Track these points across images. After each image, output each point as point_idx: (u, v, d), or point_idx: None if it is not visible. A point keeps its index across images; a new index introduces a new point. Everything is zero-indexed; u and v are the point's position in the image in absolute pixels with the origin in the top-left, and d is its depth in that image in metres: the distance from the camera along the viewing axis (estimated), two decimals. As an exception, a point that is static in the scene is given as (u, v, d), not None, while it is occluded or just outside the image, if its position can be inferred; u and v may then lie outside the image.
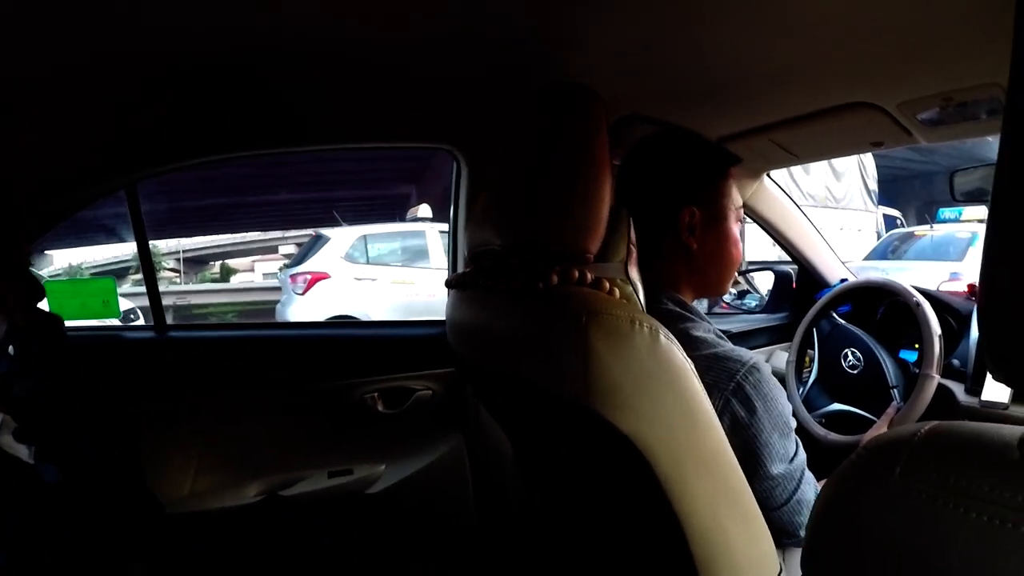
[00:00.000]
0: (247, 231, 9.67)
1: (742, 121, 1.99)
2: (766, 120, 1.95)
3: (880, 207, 15.12)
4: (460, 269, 2.32)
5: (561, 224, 1.12)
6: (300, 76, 1.72)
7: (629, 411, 1.00)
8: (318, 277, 9.15)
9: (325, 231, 10.07)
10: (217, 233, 15.86)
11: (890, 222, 15.31)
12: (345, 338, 2.61)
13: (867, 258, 11.58)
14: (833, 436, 2.00)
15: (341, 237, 9.82)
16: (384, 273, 9.63)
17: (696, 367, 1.06)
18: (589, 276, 1.11)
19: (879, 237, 13.77)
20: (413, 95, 1.88)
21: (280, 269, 11.37)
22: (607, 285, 1.11)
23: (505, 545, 2.16)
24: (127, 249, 16.79)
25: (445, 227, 9.96)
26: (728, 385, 1.25)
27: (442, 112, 2.06)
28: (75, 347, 1.44)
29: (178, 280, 14.90)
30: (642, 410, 1.00)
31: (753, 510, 1.13)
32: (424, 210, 11.30)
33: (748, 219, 2.45)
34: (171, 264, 15.58)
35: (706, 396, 1.06)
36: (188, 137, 2.11)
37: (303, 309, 8.88)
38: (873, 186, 14.77)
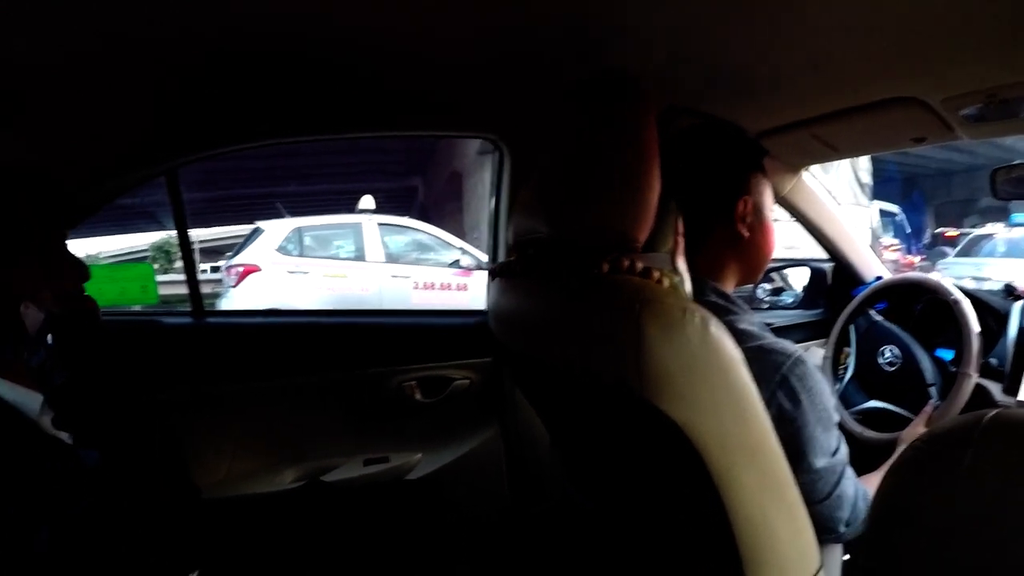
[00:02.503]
0: (260, 221, 9.71)
1: (783, 115, 1.97)
2: (807, 114, 1.93)
3: (876, 202, 14.90)
4: (500, 258, 2.32)
5: (610, 213, 1.12)
6: (344, 63, 1.72)
7: (680, 400, 0.99)
8: (250, 269, 9.10)
9: (261, 223, 10.02)
10: (228, 224, 15.96)
11: (888, 218, 15.16)
12: (384, 326, 2.62)
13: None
14: (869, 433, 1.99)
15: (275, 229, 9.78)
16: (317, 266, 9.57)
17: None
18: (639, 265, 1.10)
19: (873, 234, 13.62)
20: (456, 84, 1.88)
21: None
22: (656, 275, 1.10)
23: (540, 535, 2.15)
24: (142, 239, 16.95)
25: (384, 219, 9.99)
26: (774, 377, 1.25)
27: (485, 101, 2.05)
28: (113, 332, 1.44)
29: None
30: (693, 399, 1.00)
31: (798, 503, 1.13)
32: (367, 202, 11.19)
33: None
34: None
35: (755, 387, 1.06)
36: (230, 123, 2.11)
37: (235, 302, 8.81)
38: (867, 179, 14.57)
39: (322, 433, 2.40)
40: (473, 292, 9.37)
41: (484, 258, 9.60)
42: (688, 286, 1.22)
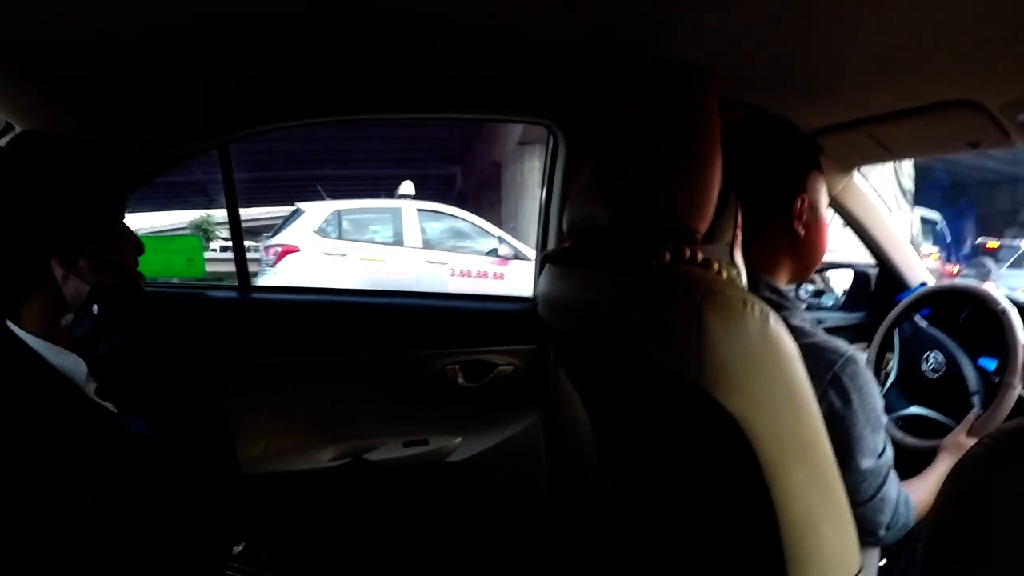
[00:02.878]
0: (300, 203, 9.76)
1: (839, 113, 1.95)
2: (864, 114, 1.91)
3: (918, 208, 14.70)
4: (550, 245, 2.32)
5: (672, 202, 1.11)
6: (402, 42, 1.72)
7: (738, 392, 1.00)
8: (288, 250, 9.11)
9: (301, 205, 10.00)
10: (267, 205, 16.07)
11: (928, 225, 14.96)
12: (429, 309, 2.61)
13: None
14: (910, 440, 1.96)
15: (315, 211, 9.78)
16: (354, 249, 9.56)
17: None
18: (699, 256, 1.11)
19: (913, 241, 13.36)
20: (513, 68, 1.88)
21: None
22: (716, 266, 1.11)
23: (577, 524, 2.16)
24: (180, 217, 17.09)
25: (424, 205, 9.96)
26: (826, 375, 1.24)
27: (542, 87, 2.05)
28: (159, 304, 1.45)
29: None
30: (750, 392, 1.00)
31: (844, 503, 1.13)
32: (407, 187, 11.24)
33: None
34: (225, 233, 15.78)
35: (809, 384, 1.06)
36: (283, 99, 2.12)
37: (272, 281, 8.79)
38: (909, 185, 14.36)
39: (362, 412, 2.41)
40: (510, 281, 9.36)
41: (522, 247, 9.59)
42: (744, 280, 1.23)
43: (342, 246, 9.49)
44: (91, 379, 1.33)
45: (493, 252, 9.68)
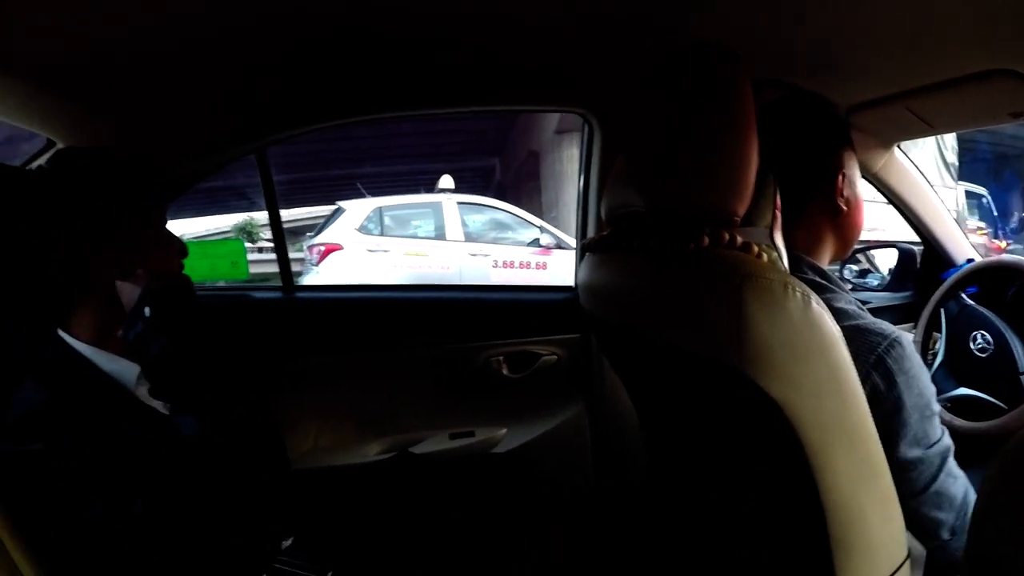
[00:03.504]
0: (341, 201, 9.83)
1: (876, 88, 1.92)
2: (901, 87, 1.87)
3: (961, 183, 14.41)
4: (590, 233, 2.32)
5: (708, 186, 1.10)
6: (434, 39, 1.73)
7: (781, 377, 0.98)
8: (331, 248, 9.16)
9: (342, 203, 10.08)
10: (308, 205, 16.19)
11: (974, 200, 14.67)
12: (472, 301, 2.62)
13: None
14: (959, 422, 1.93)
15: (356, 209, 9.84)
16: (397, 245, 9.62)
17: None
18: (739, 239, 1.10)
19: (959, 216, 13.08)
20: (546, 58, 1.88)
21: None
22: (756, 249, 1.09)
23: (623, 514, 2.16)
24: (224, 221, 17.28)
25: (464, 198, 9.96)
26: (869, 358, 1.21)
27: (575, 76, 2.05)
28: (206, 307, 1.48)
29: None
30: (793, 377, 0.99)
31: (890, 490, 1.11)
32: (447, 181, 11.29)
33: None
34: (268, 235, 15.94)
35: (853, 367, 1.04)
36: (319, 101, 2.14)
37: (317, 280, 8.85)
38: (952, 159, 14.06)
39: (408, 406, 2.43)
40: (552, 271, 9.37)
41: (563, 237, 9.59)
42: (785, 262, 1.21)
43: (385, 242, 9.56)
44: (142, 382, 1.36)
45: (535, 242, 9.69)
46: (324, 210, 12.13)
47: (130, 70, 1.64)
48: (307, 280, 9.05)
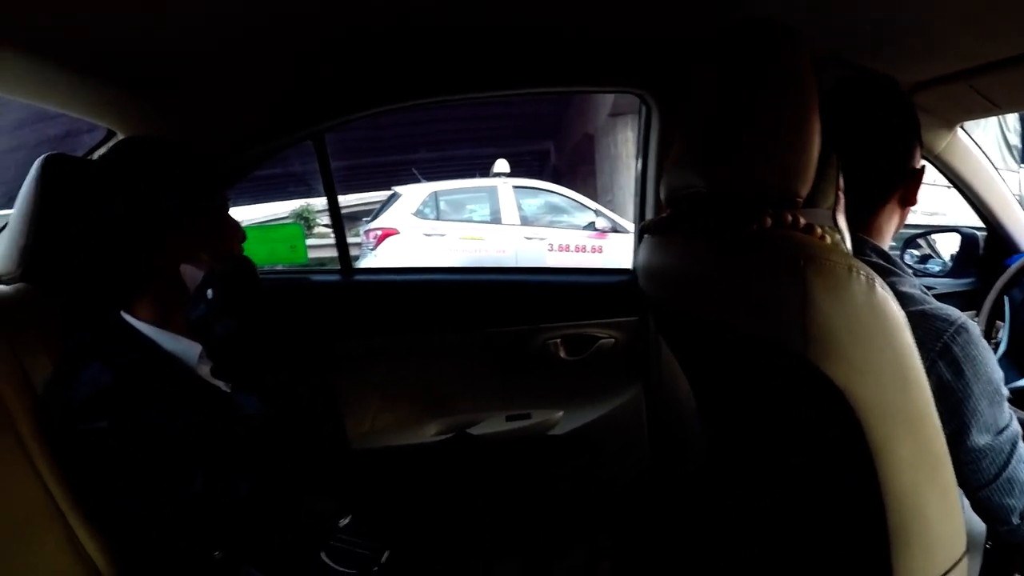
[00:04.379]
0: (397, 187, 9.91)
1: (939, 66, 1.88)
2: (965, 65, 1.82)
3: None
4: (648, 215, 2.31)
5: (770, 167, 1.09)
6: (489, 21, 1.74)
7: (844, 362, 0.97)
8: (388, 233, 9.26)
9: (398, 188, 10.15)
10: (363, 191, 16.30)
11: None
12: (530, 284, 2.63)
13: None
14: (1021, 414, 1.88)
15: (412, 194, 9.91)
16: (453, 229, 9.68)
17: None
18: (802, 221, 1.09)
19: (1022, 200, 12.58)
20: (603, 40, 1.88)
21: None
22: (819, 231, 1.08)
23: (679, 498, 2.15)
24: (282, 207, 17.49)
25: (519, 182, 9.98)
26: (935, 345, 1.18)
27: (632, 56, 2.04)
28: (266, 290, 1.50)
29: (332, 234, 15.32)
30: (856, 362, 0.98)
31: (951, 482, 1.08)
32: (502, 165, 11.23)
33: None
34: (324, 220, 16.09)
35: (917, 353, 1.02)
36: (376, 85, 2.15)
37: (374, 264, 8.91)
38: (1015, 141, 13.66)
39: (465, 388, 2.45)
40: (608, 255, 9.35)
41: (619, 220, 9.56)
42: (848, 244, 1.20)
43: (440, 226, 9.62)
44: (205, 361, 1.40)
45: (591, 226, 9.67)
46: (379, 196, 12.23)
47: (187, 59, 1.68)
48: (364, 264, 9.12)
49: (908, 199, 1.43)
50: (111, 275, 1.41)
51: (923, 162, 1.46)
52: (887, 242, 1.45)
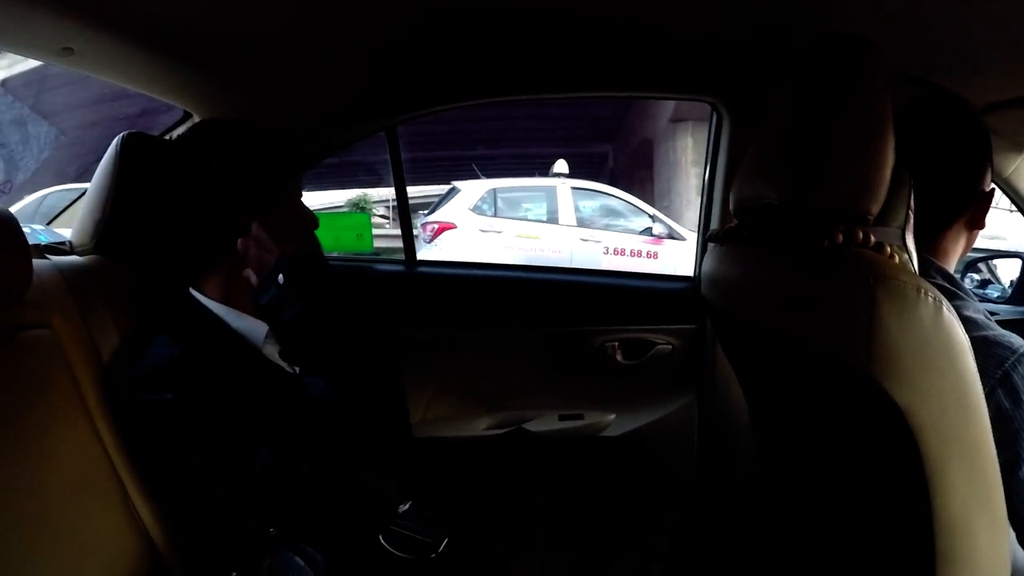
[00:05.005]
0: (456, 181, 9.95)
1: (1013, 86, 1.84)
2: None
3: None
4: (713, 224, 2.31)
5: (843, 182, 1.09)
6: (564, 20, 1.74)
7: (907, 383, 0.97)
8: (445, 227, 9.27)
9: (457, 183, 10.17)
10: (421, 184, 16.40)
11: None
12: (591, 285, 2.63)
13: None
14: None
15: (471, 190, 9.91)
16: (509, 226, 9.64)
17: None
18: (872, 239, 1.08)
19: None
20: (678, 46, 1.87)
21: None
22: (888, 250, 1.07)
23: (726, 508, 2.15)
24: (339, 196, 17.63)
25: (578, 183, 9.94)
26: (995, 373, 1.17)
27: (707, 64, 2.03)
28: (335, 276, 1.53)
29: (387, 225, 15.38)
30: (919, 383, 0.97)
31: (1001, 510, 1.07)
32: (561, 166, 11.32)
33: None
34: (381, 211, 16.19)
35: (979, 380, 1.01)
36: (448, 81, 2.17)
37: (430, 257, 8.78)
38: None
39: (519, 385, 2.46)
40: (663, 261, 9.28)
41: (675, 227, 9.51)
42: (915, 265, 1.19)
43: (497, 223, 9.61)
44: (271, 341, 1.45)
45: (647, 231, 9.61)
46: (436, 189, 12.28)
47: (265, 45, 1.71)
48: (420, 256, 9.10)
49: (976, 222, 1.42)
50: (181, 252, 1.45)
51: (992, 185, 1.45)
52: (953, 265, 1.44)
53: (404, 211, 2.65)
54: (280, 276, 1.34)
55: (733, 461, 2.36)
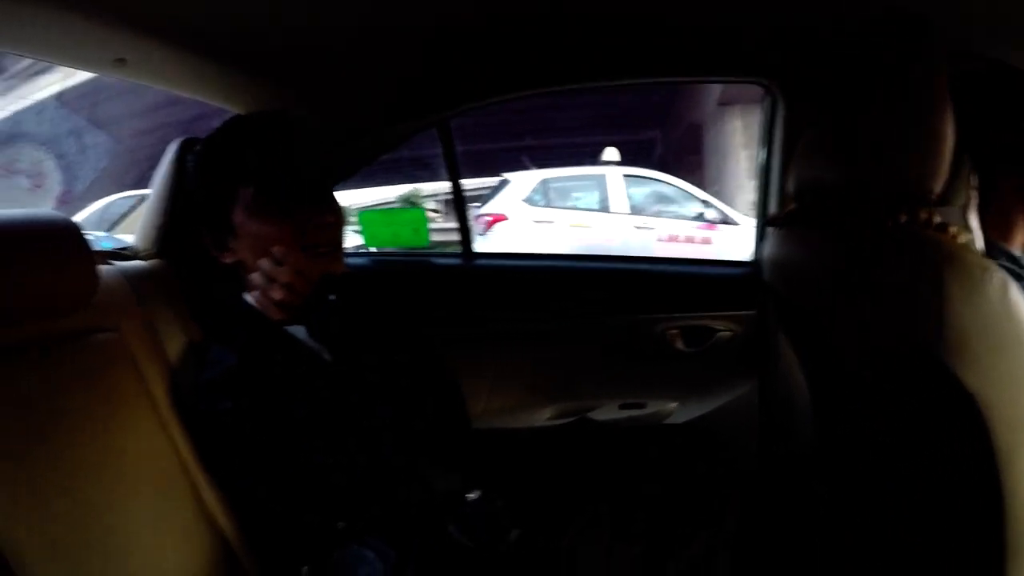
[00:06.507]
0: (506, 173, 9.95)
1: None
2: None
3: None
4: (771, 208, 2.29)
5: (905, 163, 1.08)
6: (618, 8, 1.73)
7: (976, 366, 0.96)
8: (497, 219, 9.33)
9: (508, 175, 10.21)
10: (473, 177, 16.43)
11: None
12: (650, 273, 2.62)
13: None
14: None
15: (521, 181, 9.95)
16: (562, 216, 9.66)
17: None
18: (936, 219, 1.07)
19: None
20: (732, 27, 1.85)
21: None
22: (952, 230, 1.06)
23: (787, 497, 2.13)
24: (390, 192, 17.73)
25: (629, 170, 9.91)
26: None
27: (760, 46, 2.01)
28: (388, 271, 1.55)
29: (439, 219, 15.44)
30: (988, 367, 0.96)
31: None
32: (611, 153, 11.24)
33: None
34: (432, 205, 16.23)
35: None
36: (500, 73, 2.18)
37: (483, 248, 8.83)
38: None
39: (580, 375, 2.45)
40: (717, 246, 9.23)
41: (728, 212, 9.43)
42: (980, 245, 1.18)
43: (549, 214, 9.64)
44: (317, 338, 1.45)
45: (700, 216, 9.57)
46: (485, 182, 12.31)
47: (316, 44, 1.72)
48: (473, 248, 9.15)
49: None
50: (220, 252, 1.48)
51: None
52: (1018, 246, 1.42)
53: (460, 204, 2.65)
54: (331, 296, 1.37)
55: (794, 449, 2.34)
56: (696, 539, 1.50)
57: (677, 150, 17.52)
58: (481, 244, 8.83)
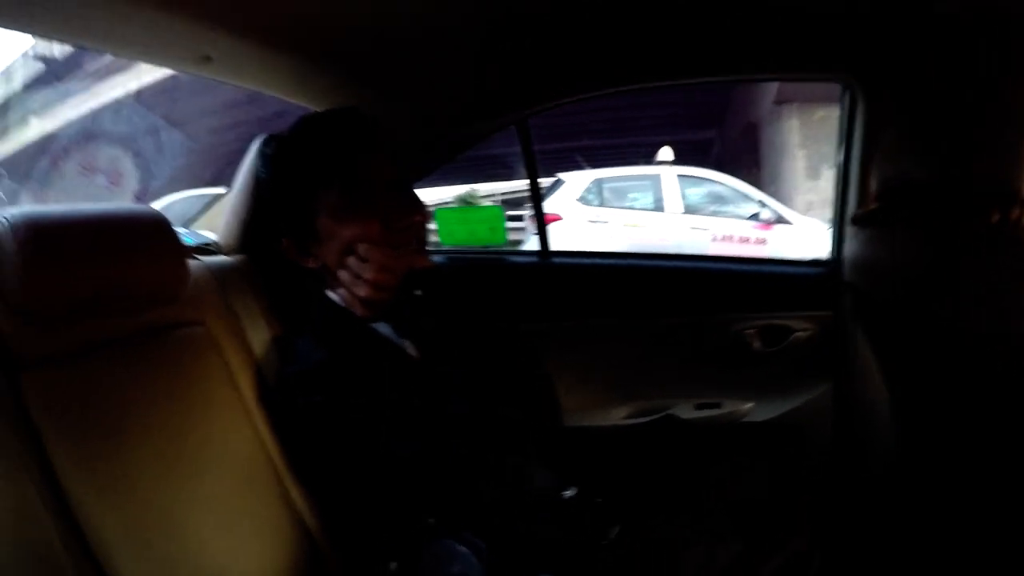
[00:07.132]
0: (560, 173, 9.92)
1: None
2: None
3: None
4: (850, 206, 2.28)
5: (995, 162, 1.09)
6: (693, 4, 1.74)
7: None
8: (552, 218, 9.13)
9: (562, 175, 10.17)
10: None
11: None
12: (723, 272, 2.62)
13: None
14: None
15: (576, 181, 9.94)
16: (616, 216, 9.66)
17: None
18: None
19: None
20: (809, 22, 1.83)
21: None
22: None
23: (862, 501, 2.11)
24: (449, 192, 17.77)
25: (683, 170, 9.89)
26: None
27: (839, 40, 1.96)
28: (466, 269, 1.57)
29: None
30: None
31: None
32: (666, 153, 11.26)
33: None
34: (486, 204, 16.24)
35: None
36: (576, 73, 2.19)
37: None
38: None
39: (655, 374, 2.45)
40: (772, 246, 9.15)
41: (784, 212, 9.35)
42: None
43: (604, 213, 9.64)
44: (402, 334, 1.49)
45: (755, 216, 9.49)
46: (541, 182, 12.31)
47: (395, 42, 1.75)
48: (527, 247, 9.14)
49: None
50: (298, 249, 1.52)
51: None
52: None
53: (538, 203, 2.69)
54: (417, 291, 1.41)
55: (871, 451, 2.31)
56: (791, 541, 1.51)
57: (734, 150, 17.37)
58: (535, 244, 8.86)
